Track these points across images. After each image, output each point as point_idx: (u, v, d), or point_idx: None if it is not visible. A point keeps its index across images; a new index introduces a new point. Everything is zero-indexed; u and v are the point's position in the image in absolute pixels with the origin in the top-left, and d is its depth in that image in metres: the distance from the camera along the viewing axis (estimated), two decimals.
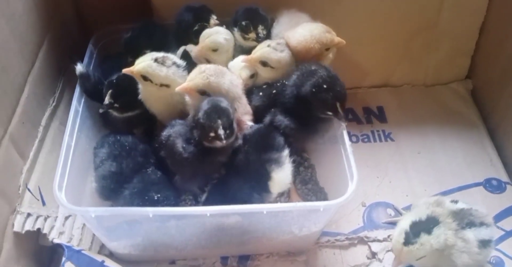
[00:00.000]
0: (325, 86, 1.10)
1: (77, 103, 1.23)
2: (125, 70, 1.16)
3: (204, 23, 1.31)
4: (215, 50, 1.28)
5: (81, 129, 1.22)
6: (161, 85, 1.18)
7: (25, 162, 1.22)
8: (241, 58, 1.28)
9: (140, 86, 1.21)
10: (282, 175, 1.12)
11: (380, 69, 1.72)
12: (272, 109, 1.21)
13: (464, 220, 1.12)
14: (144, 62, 1.16)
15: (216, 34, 1.28)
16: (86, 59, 1.35)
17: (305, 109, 1.16)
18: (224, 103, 1.09)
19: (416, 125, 1.63)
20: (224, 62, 1.30)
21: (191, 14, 1.33)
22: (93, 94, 1.29)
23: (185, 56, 1.31)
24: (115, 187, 1.15)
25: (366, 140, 1.60)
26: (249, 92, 1.27)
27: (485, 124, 1.63)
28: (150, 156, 1.22)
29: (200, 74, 1.13)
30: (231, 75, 1.19)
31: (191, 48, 1.31)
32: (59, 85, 1.42)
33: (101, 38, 1.43)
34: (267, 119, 1.22)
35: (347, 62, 1.64)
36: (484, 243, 1.13)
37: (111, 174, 1.16)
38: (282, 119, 1.19)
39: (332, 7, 1.51)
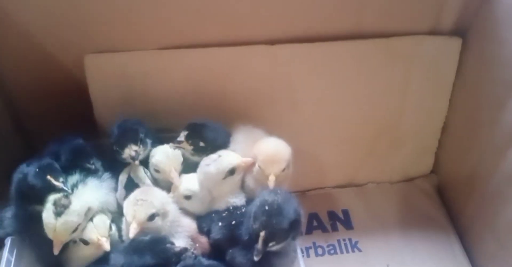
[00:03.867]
0: (253, 215, 1.01)
1: (9, 255, 1.08)
2: None
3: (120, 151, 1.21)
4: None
5: None
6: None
7: None
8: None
9: None
10: None
11: (344, 169, 1.66)
12: (230, 251, 1.10)
13: None
14: None
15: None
16: None
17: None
18: None
19: (383, 231, 1.55)
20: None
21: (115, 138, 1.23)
22: None
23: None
24: None
25: (332, 251, 1.51)
26: (208, 218, 1.18)
27: (453, 227, 1.57)
28: None
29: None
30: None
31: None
32: None
33: None
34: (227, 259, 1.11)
35: (309, 163, 1.57)
36: None
37: None
38: (242, 263, 1.07)
39: (291, 115, 1.46)
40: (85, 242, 1.08)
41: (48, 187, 1.08)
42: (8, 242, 1.09)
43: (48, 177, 1.08)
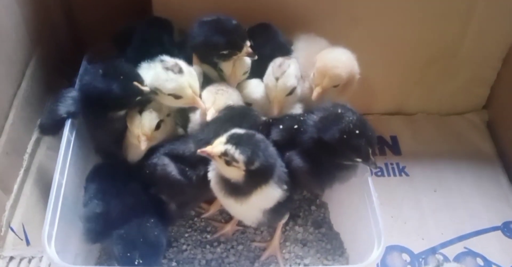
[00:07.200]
0: (357, 131, 0.98)
1: (69, 134, 1.08)
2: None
3: (237, 51, 1.12)
4: None
5: (73, 163, 1.07)
6: None
7: (8, 197, 1.08)
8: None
9: None
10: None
11: (393, 95, 1.62)
12: (287, 154, 1.08)
13: None
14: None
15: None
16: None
17: (326, 155, 1.04)
18: None
19: (431, 159, 1.54)
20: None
21: (223, 37, 1.11)
22: None
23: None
24: (102, 230, 1.01)
25: (379, 173, 1.50)
26: (269, 124, 1.14)
27: (501, 160, 1.54)
28: (141, 194, 1.08)
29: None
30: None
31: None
32: (47, 104, 1.27)
33: (94, 55, 1.27)
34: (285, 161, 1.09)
35: (359, 86, 1.54)
36: None
37: (97, 215, 1.02)
38: (299, 166, 1.06)
39: (349, 31, 1.40)
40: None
41: (135, 94, 1.04)
42: (68, 123, 1.09)
43: (135, 83, 1.03)
